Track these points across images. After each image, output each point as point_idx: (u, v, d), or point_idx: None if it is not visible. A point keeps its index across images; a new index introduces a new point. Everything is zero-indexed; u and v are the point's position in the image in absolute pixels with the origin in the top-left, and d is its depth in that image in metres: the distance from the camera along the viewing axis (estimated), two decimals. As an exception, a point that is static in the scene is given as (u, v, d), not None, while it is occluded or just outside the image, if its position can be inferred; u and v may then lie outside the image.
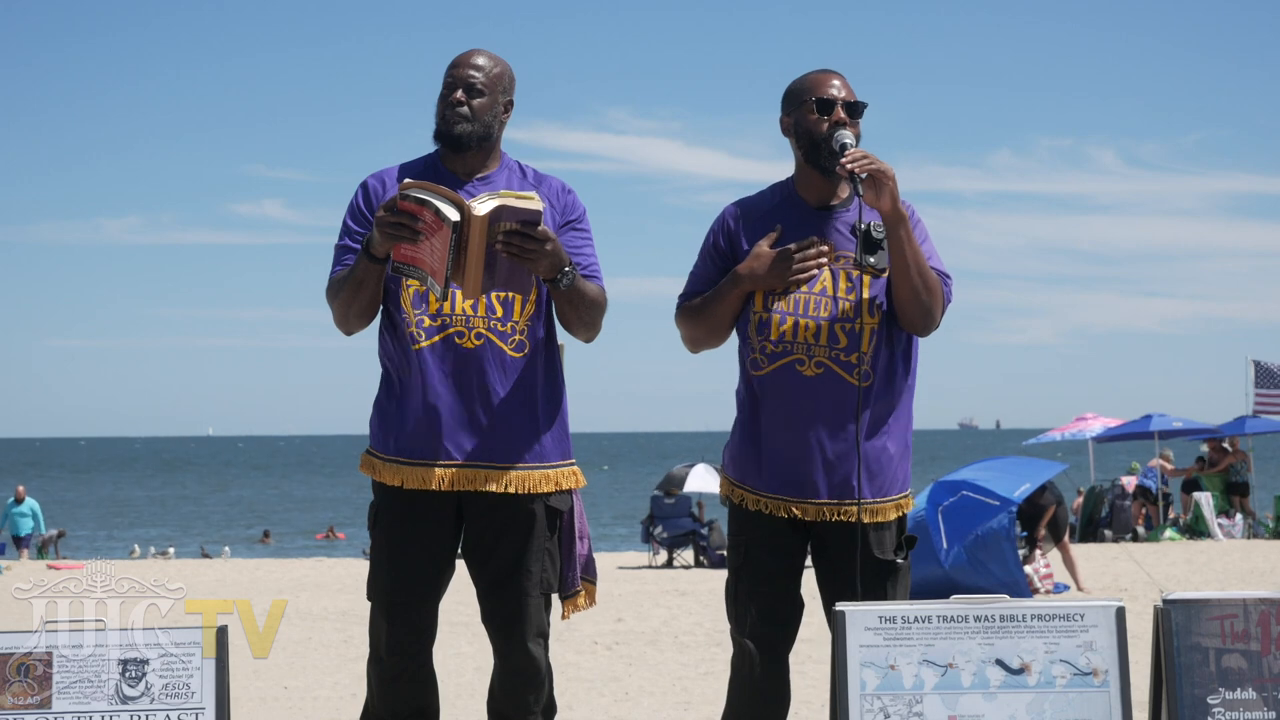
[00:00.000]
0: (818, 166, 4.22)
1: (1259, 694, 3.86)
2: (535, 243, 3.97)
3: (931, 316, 4.19)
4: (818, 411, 4.17)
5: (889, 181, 4.04)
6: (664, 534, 20.23)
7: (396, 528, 4.26)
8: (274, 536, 35.81)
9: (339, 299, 4.22)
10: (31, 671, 3.91)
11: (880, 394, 4.21)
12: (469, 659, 9.10)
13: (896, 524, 4.28)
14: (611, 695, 8.15)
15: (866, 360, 4.16)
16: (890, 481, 4.25)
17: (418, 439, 4.22)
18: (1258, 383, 25.69)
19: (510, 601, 4.26)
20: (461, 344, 4.20)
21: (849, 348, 4.16)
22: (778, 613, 4.26)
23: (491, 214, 3.88)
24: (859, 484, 4.16)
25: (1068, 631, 3.87)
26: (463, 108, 4.22)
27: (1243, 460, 24.30)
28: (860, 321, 4.16)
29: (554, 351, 4.37)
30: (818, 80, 4.25)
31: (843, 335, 4.17)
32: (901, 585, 4.26)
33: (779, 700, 4.28)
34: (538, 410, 4.27)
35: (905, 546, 4.29)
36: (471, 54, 4.29)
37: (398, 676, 4.27)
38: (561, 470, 4.31)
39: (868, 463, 4.19)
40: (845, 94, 4.21)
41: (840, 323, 4.17)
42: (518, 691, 4.31)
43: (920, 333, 4.23)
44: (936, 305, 4.19)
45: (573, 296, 4.18)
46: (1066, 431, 28.06)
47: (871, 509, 4.21)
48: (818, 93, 4.21)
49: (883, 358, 4.20)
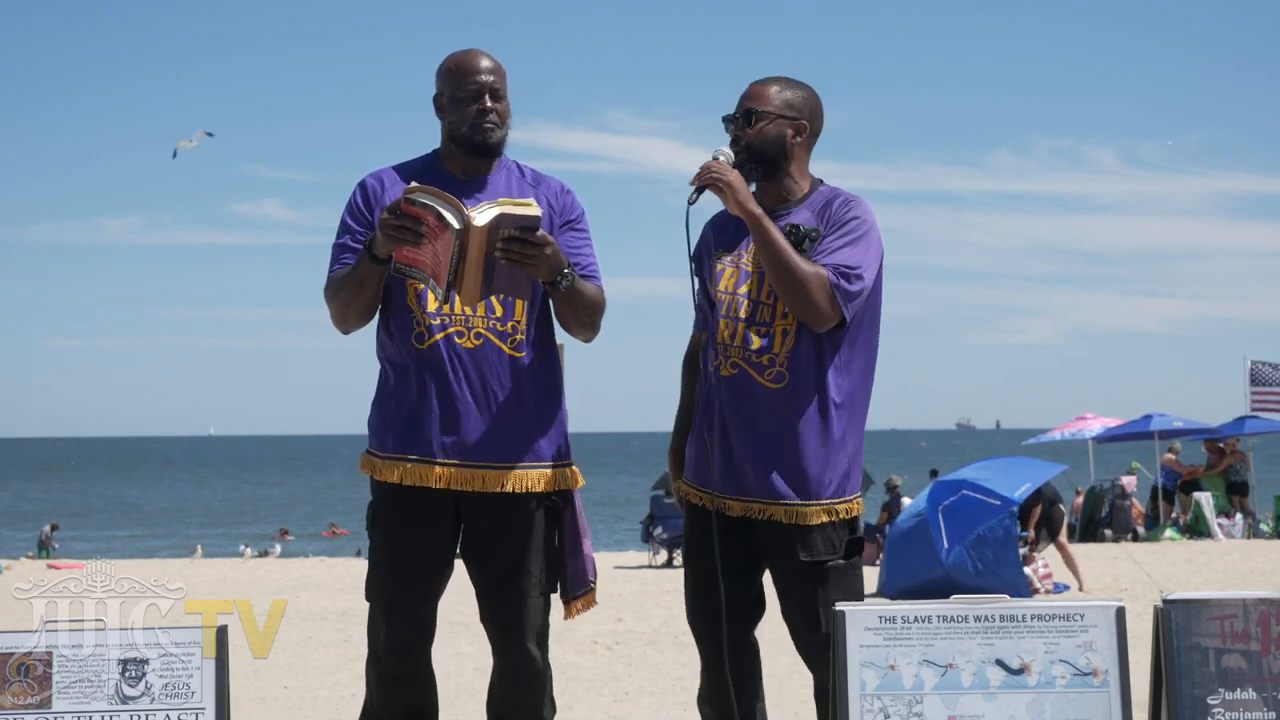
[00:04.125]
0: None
1: (1259, 694, 3.86)
2: (534, 248, 3.99)
3: (808, 312, 4.19)
4: (733, 412, 4.27)
5: (726, 189, 4.17)
6: (664, 534, 20.22)
7: (394, 527, 4.25)
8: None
9: (339, 298, 4.22)
10: (31, 671, 3.91)
11: (798, 395, 4.23)
12: (469, 659, 9.09)
13: (833, 527, 4.26)
14: (611, 695, 8.15)
15: (780, 362, 4.22)
16: (817, 484, 4.24)
17: (416, 436, 4.22)
18: (1254, 380, 25.70)
19: (509, 602, 4.26)
20: (461, 343, 4.21)
21: (761, 349, 4.24)
22: (718, 605, 4.33)
23: (491, 223, 3.92)
24: (747, 482, 4.24)
25: (1068, 631, 3.87)
26: (493, 115, 4.23)
27: (1242, 460, 24.29)
28: (775, 324, 4.24)
29: (553, 351, 4.37)
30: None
31: (757, 337, 4.25)
32: (836, 589, 4.23)
33: (738, 687, 4.33)
34: (537, 410, 4.27)
35: (848, 550, 4.28)
36: (478, 57, 4.27)
37: (397, 677, 4.27)
38: (560, 470, 4.31)
39: (784, 464, 4.22)
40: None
41: (755, 325, 4.26)
42: (517, 692, 4.31)
43: (814, 327, 4.22)
44: (807, 301, 4.17)
45: (571, 298, 4.18)
46: (1066, 431, 28.06)
47: (793, 510, 4.23)
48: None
49: (803, 359, 4.23)
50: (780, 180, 4.35)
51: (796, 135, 4.34)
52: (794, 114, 4.34)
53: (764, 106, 4.32)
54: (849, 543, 4.30)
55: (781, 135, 4.32)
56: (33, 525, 38.27)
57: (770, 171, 4.34)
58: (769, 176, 4.34)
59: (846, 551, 4.29)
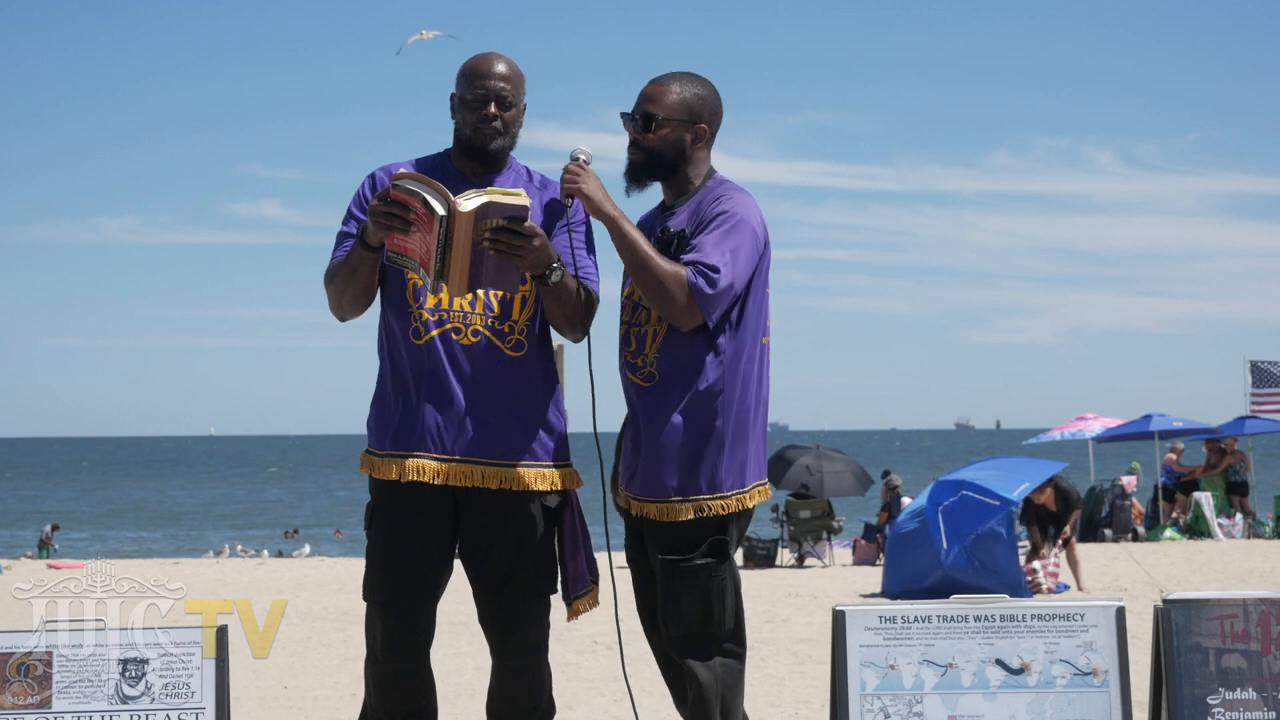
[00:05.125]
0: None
1: (1259, 694, 3.87)
2: (522, 239, 4.00)
3: (668, 311, 4.20)
4: (631, 410, 4.36)
5: (583, 199, 4.24)
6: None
7: (392, 526, 4.25)
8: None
9: (334, 284, 4.26)
10: (31, 671, 3.91)
11: (666, 394, 4.24)
12: (469, 659, 9.09)
13: (699, 524, 4.23)
14: (611, 695, 8.14)
15: (650, 362, 4.27)
16: (686, 482, 4.22)
17: (413, 432, 4.22)
18: (1254, 383, 25.69)
19: (506, 603, 4.26)
20: (459, 340, 4.22)
21: (637, 350, 4.32)
22: (641, 596, 4.46)
23: (477, 210, 3.92)
24: (633, 480, 4.30)
25: (1068, 631, 3.87)
26: (496, 122, 4.24)
27: (1242, 460, 24.29)
28: (647, 325, 4.29)
29: (551, 352, 4.38)
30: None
31: (634, 338, 4.34)
32: (702, 590, 4.20)
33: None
34: (534, 410, 4.28)
35: (712, 550, 4.23)
36: (493, 61, 4.28)
37: (395, 677, 4.26)
38: (558, 470, 4.31)
39: (653, 461, 4.24)
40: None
41: (633, 326, 4.35)
42: (515, 694, 4.31)
43: (678, 325, 4.21)
44: (666, 300, 4.17)
45: (560, 293, 4.19)
46: (1066, 431, 28.05)
47: (660, 507, 4.24)
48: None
49: (671, 358, 4.24)
50: (676, 179, 4.39)
51: (695, 141, 4.36)
52: (693, 119, 4.34)
53: (663, 112, 4.32)
54: (713, 543, 4.23)
55: (680, 140, 4.34)
56: (33, 525, 38.29)
57: (667, 174, 4.38)
58: (666, 178, 4.39)
59: (711, 550, 4.22)
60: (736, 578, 4.29)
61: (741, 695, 4.27)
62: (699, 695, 4.16)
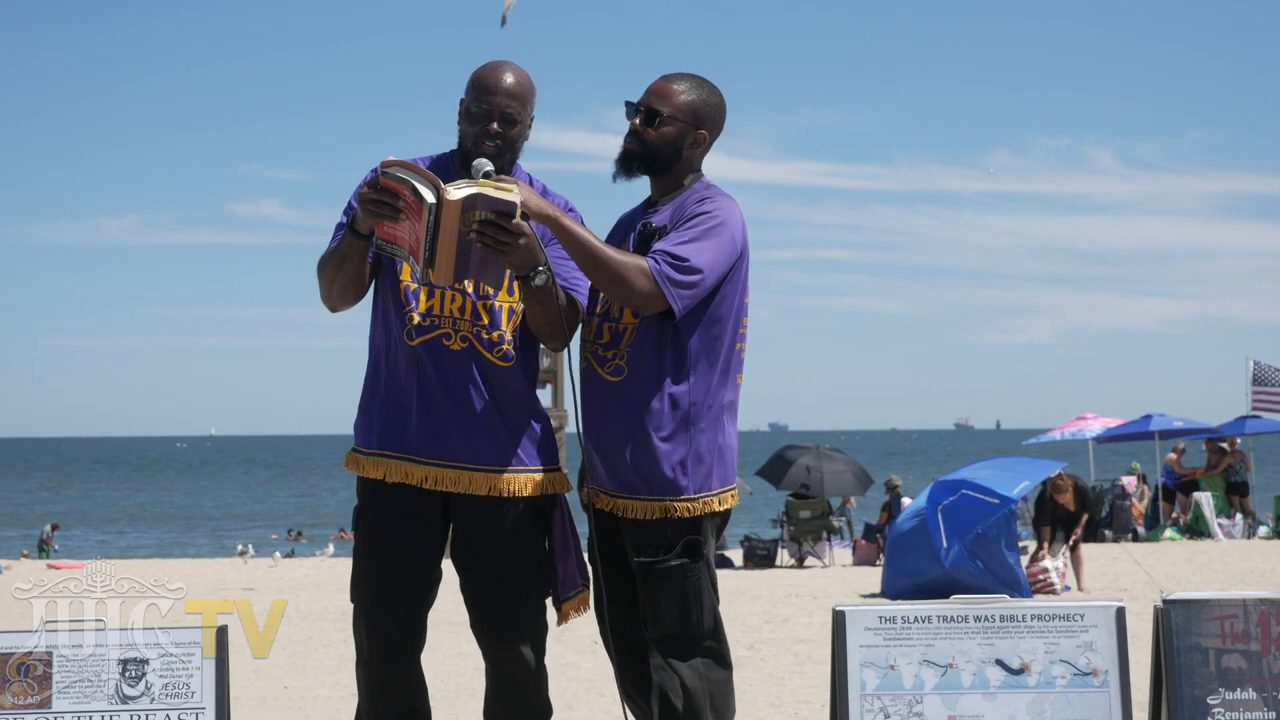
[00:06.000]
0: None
1: (1259, 694, 3.87)
2: (508, 235, 3.95)
3: (628, 298, 4.15)
4: (587, 406, 4.29)
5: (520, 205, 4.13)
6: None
7: (378, 526, 4.24)
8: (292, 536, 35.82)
9: (324, 272, 4.24)
10: (31, 671, 3.91)
11: (635, 390, 4.20)
12: (469, 659, 9.09)
13: (669, 525, 4.19)
14: (611, 695, 8.11)
15: (621, 357, 4.24)
16: (658, 481, 4.19)
17: (399, 433, 4.22)
18: (1255, 380, 25.70)
19: (496, 606, 4.24)
20: (448, 345, 4.21)
21: (608, 344, 4.27)
22: (619, 597, 4.35)
23: (465, 200, 3.88)
24: (601, 476, 4.24)
25: (1068, 631, 3.87)
26: (498, 140, 4.21)
27: (1242, 460, 24.30)
28: (621, 320, 4.26)
29: (538, 362, 4.39)
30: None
31: (607, 333, 4.29)
32: (677, 592, 4.15)
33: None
34: (519, 417, 4.27)
35: (686, 550, 4.18)
36: (502, 75, 4.24)
37: (384, 680, 4.23)
38: (549, 475, 4.31)
39: (621, 459, 4.20)
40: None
41: (606, 321, 4.30)
42: (510, 699, 4.29)
43: (641, 311, 4.18)
44: (624, 288, 4.12)
45: (543, 298, 4.15)
46: (1066, 431, 28.07)
47: (632, 505, 4.21)
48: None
49: (641, 354, 4.21)
50: (666, 177, 4.36)
51: (694, 145, 4.34)
52: (696, 123, 4.32)
53: (669, 110, 4.30)
54: (687, 543, 4.19)
55: (679, 141, 4.31)
56: (33, 525, 38.31)
57: (659, 170, 4.35)
58: (656, 174, 4.36)
59: (685, 551, 4.18)
60: (713, 577, 4.25)
61: (731, 693, 4.23)
62: (688, 698, 4.14)
